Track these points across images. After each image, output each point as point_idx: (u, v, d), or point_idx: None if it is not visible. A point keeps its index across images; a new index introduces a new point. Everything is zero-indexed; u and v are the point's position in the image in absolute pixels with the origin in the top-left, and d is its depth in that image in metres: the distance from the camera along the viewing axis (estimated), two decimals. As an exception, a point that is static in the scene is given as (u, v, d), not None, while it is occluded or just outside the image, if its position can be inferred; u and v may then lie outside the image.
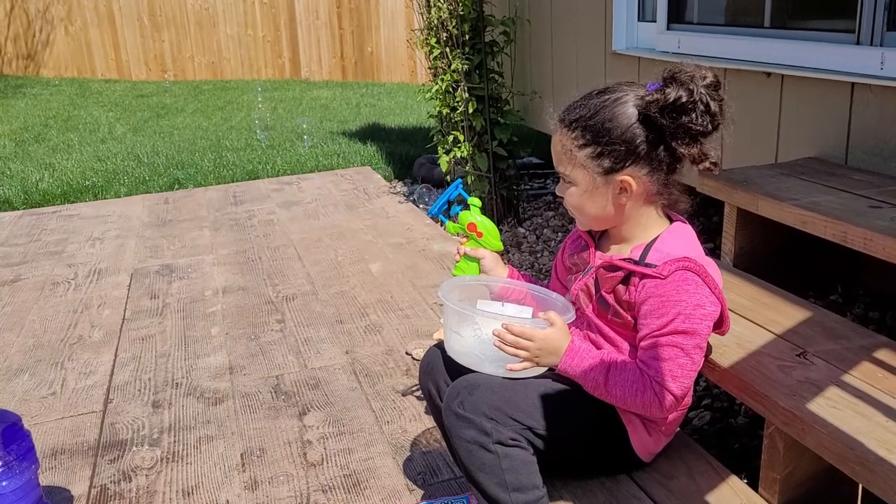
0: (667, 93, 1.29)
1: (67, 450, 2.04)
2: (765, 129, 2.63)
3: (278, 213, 4.16)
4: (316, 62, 9.93)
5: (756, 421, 1.96)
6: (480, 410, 1.37)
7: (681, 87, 1.29)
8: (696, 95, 1.28)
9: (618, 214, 1.42)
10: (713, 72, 1.33)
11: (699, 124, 1.29)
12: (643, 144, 1.34)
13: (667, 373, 1.33)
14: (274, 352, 2.54)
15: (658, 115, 1.31)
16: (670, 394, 1.34)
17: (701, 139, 1.32)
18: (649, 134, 1.34)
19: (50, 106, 7.84)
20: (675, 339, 1.33)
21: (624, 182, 1.37)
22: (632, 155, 1.35)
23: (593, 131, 1.36)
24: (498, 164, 3.73)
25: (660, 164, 1.36)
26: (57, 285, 3.24)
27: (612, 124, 1.34)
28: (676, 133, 1.31)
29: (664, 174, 1.37)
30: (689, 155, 1.32)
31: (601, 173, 1.37)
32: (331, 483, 1.85)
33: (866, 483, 1.25)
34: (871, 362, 1.54)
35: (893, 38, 2.23)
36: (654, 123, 1.32)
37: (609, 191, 1.39)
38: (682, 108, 1.29)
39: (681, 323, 1.33)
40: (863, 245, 1.75)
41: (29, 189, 4.76)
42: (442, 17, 3.56)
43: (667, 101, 1.29)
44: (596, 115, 1.36)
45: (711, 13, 3.12)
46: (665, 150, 1.35)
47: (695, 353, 1.34)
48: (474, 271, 1.61)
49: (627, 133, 1.34)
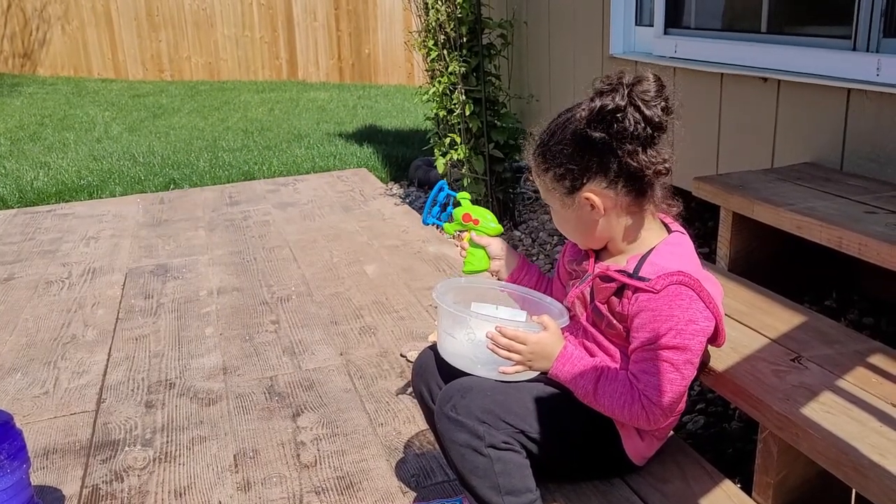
0: (594, 103, 1.28)
1: (59, 449, 2.03)
2: (761, 134, 2.64)
3: (274, 213, 4.16)
4: (313, 64, 9.92)
5: (750, 426, 1.96)
6: (473, 414, 1.37)
7: (606, 96, 1.27)
8: (623, 101, 1.26)
9: (599, 231, 1.40)
10: (654, 72, 1.31)
11: (636, 130, 1.27)
12: (592, 159, 1.32)
13: (656, 387, 1.32)
14: (268, 353, 2.53)
15: (594, 126, 1.29)
16: (658, 408, 1.33)
17: (648, 144, 1.30)
18: (594, 148, 1.31)
19: (46, 105, 7.82)
20: (666, 354, 1.32)
21: (588, 199, 1.35)
22: (586, 171, 1.34)
23: (551, 154, 1.37)
24: (494, 167, 3.73)
25: (617, 174, 1.32)
26: (51, 284, 3.23)
27: (562, 145, 1.35)
28: (618, 142, 1.29)
29: (629, 184, 1.34)
30: (637, 162, 1.30)
31: (565, 194, 1.38)
32: (324, 485, 1.84)
33: (860, 488, 1.25)
34: (865, 367, 1.54)
35: (889, 45, 2.24)
36: (594, 137, 1.29)
37: (579, 210, 1.38)
38: (612, 117, 1.27)
39: (672, 338, 1.31)
40: (858, 250, 1.76)
41: (24, 188, 4.74)
42: (440, 20, 3.56)
43: (595, 112, 1.28)
44: (552, 138, 1.38)
45: (709, 18, 3.13)
46: (615, 160, 1.31)
47: (685, 368, 1.33)
48: (484, 260, 1.61)
49: (576, 151, 1.33)
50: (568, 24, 3.94)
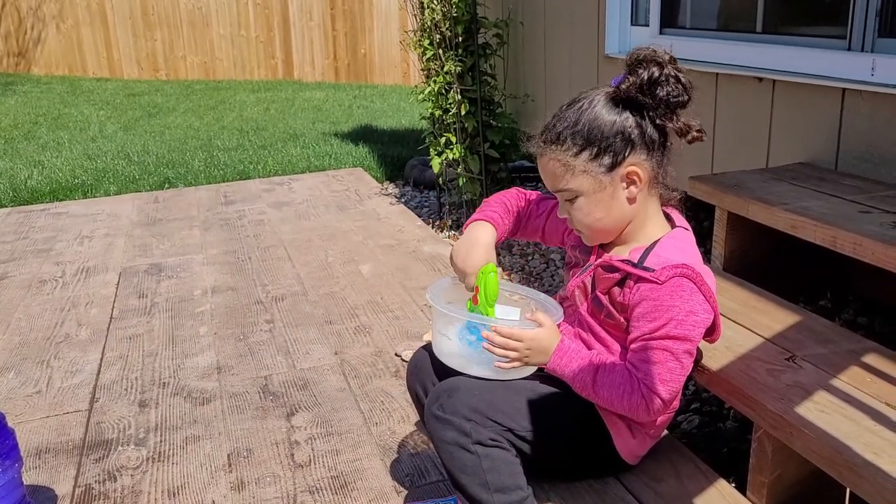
0: (639, 73, 1.33)
1: (52, 449, 2.02)
2: (756, 133, 2.64)
3: (269, 213, 4.15)
4: (309, 63, 9.91)
5: (745, 426, 1.96)
6: (460, 412, 1.37)
7: (650, 65, 1.33)
8: (666, 68, 1.33)
9: (627, 213, 1.41)
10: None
11: (676, 95, 1.34)
12: (634, 129, 1.36)
13: (656, 376, 1.33)
14: (262, 352, 2.52)
15: (639, 95, 1.33)
16: (658, 397, 1.33)
17: (680, 110, 1.36)
18: (636, 118, 1.36)
19: (40, 104, 7.80)
20: (665, 344, 1.33)
21: (631, 173, 1.37)
22: (628, 144, 1.36)
23: (584, 135, 1.36)
24: (490, 167, 3.73)
25: (653, 144, 1.38)
26: (44, 283, 3.22)
27: (599, 121, 1.36)
28: (658, 108, 1.34)
29: (661, 154, 1.39)
30: (675, 129, 1.36)
31: (605, 172, 1.37)
32: (318, 484, 1.83)
33: (854, 487, 1.25)
34: (859, 367, 1.54)
35: (884, 45, 2.24)
36: (637, 105, 1.35)
37: (617, 187, 1.38)
38: (657, 83, 1.33)
39: (673, 328, 1.33)
40: (852, 250, 1.76)
41: (17, 186, 4.73)
42: (435, 19, 3.56)
43: (642, 80, 1.33)
44: (579, 120, 1.37)
45: (704, 18, 3.13)
46: (654, 128, 1.37)
47: (685, 358, 1.34)
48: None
49: (617, 125, 1.36)
50: (564, 23, 3.94)
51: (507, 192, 1.64)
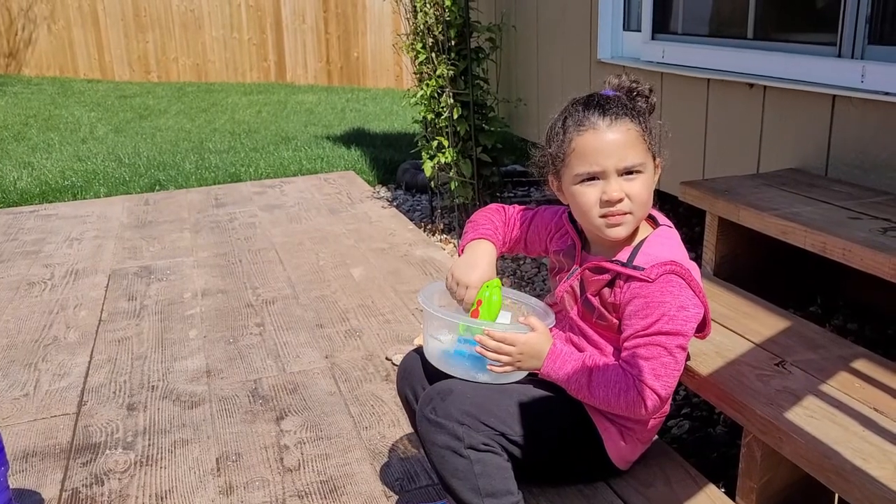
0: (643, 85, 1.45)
1: (39, 452, 2.01)
2: (747, 139, 2.65)
3: (260, 216, 4.13)
4: (301, 66, 9.90)
5: (735, 431, 1.96)
6: (453, 416, 1.37)
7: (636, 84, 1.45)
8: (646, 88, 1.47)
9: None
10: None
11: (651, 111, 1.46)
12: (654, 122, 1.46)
13: (650, 372, 1.33)
14: (252, 355, 2.51)
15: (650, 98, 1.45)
16: (654, 393, 1.33)
17: None
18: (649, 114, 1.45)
19: (31, 105, 7.76)
20: (658, 339, 1.33)
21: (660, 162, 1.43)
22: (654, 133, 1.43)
23: (644, 116, 1.41)
24: (482, 171, 3.73)
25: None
26: (33, 285, 3.20)
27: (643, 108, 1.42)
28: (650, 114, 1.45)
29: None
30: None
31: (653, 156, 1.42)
32: (307, 488, 1.83)
33: (842, 493, 1.25)
34: (848, 372, 1.54)
35: (874, 52, 2.25)
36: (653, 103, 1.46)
37: (655, 174, 1.43)
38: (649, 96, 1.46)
39: (665, 324, 1.33)
40: (842, 256, 1.76)
41: (7, 188, 4.70)
42: (428, 23, 3.56)
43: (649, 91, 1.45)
44: (631, 103, 1.41)
45: (696, 24, 3.14)
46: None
47: (678, 353, 1.34)
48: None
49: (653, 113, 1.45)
50: (556, 28, 3.95)
51: (488, 209, 1.65)
